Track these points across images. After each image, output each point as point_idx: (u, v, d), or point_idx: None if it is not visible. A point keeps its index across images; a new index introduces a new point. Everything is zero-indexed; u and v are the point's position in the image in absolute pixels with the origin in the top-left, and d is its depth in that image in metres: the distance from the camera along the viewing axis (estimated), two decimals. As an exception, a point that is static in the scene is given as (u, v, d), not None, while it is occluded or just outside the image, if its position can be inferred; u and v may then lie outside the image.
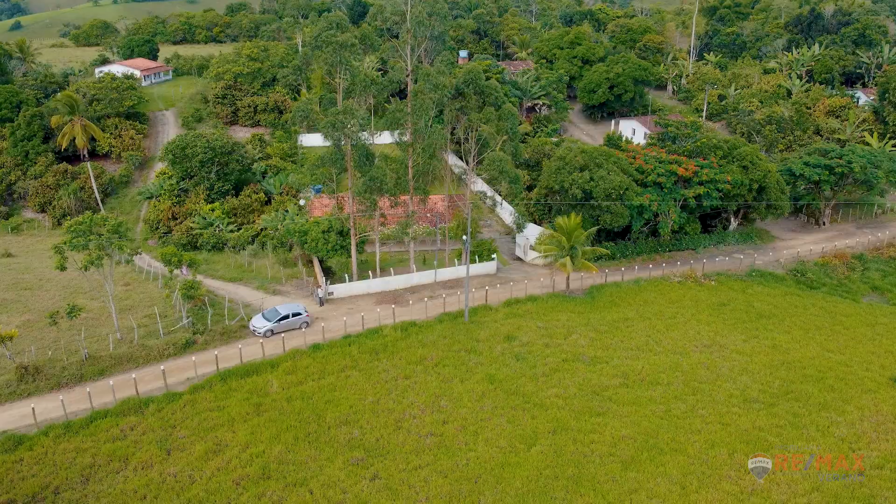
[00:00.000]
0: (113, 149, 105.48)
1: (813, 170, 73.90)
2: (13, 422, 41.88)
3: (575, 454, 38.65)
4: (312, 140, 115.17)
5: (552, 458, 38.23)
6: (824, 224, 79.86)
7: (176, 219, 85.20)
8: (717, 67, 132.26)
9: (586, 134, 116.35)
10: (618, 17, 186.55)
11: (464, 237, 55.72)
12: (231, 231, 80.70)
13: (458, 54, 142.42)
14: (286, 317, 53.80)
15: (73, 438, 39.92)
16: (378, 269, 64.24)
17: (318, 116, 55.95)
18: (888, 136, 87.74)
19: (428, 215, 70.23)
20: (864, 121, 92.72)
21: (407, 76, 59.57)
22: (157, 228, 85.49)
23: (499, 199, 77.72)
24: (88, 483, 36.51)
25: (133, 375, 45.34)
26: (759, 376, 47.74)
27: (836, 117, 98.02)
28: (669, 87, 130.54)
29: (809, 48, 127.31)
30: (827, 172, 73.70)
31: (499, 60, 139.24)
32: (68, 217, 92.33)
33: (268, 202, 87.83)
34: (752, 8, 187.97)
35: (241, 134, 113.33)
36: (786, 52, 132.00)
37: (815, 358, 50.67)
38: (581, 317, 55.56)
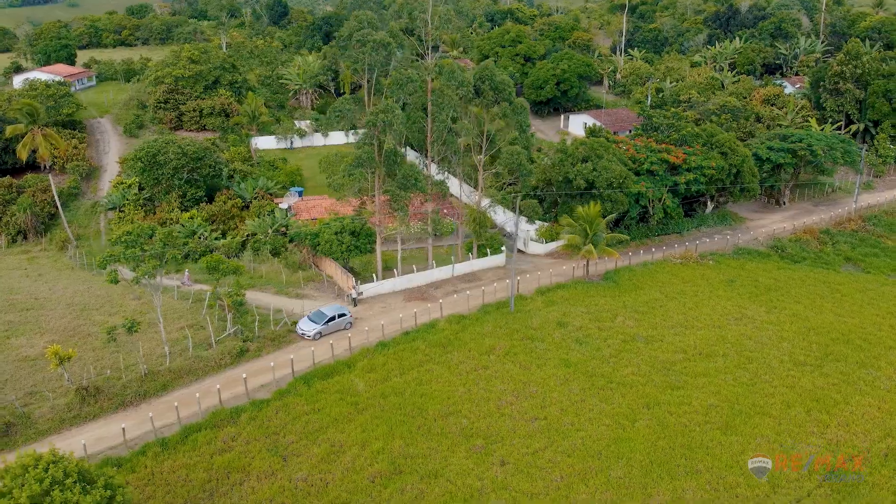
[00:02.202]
0: (56, 160, 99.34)
1: (777, 154, 79.94)
2: (95, 444, 39.80)
3: (677, 425, 41.06)
4: (265, 143, 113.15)
5: (659, 430, 40.46)
6: (785, 204, 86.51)
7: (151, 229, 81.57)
8: (646, 62, 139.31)
9: (537, 129, 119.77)
10: (535, 15, 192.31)
11: (507, 229, 57.02)
12: (216, 239, 78.31)
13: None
14: (333, 318, 53.41)
15: (173, 455, 38.48)
16: (400, 267, 64.49)
17: (356, 116, 55.49)
18: (829, 121, 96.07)
19: (444, 211, 71.00)
20: (802, 108, 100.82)
21: (428, 74, 60.03)
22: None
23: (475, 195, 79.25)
24: (214, 497, 35.48)
25: (217, 385, 44.09)
26: (796, 342, 51.90)
27: (772, 105, 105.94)
28: (605, 83, 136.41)
29: (731, 42, 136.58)
30: (790, 156, 79.95)
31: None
32: (23, 234, 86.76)
33: (244, 207, 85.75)
34: (657, 5, 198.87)
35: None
36: (709, 47, 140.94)
37: (833, 323, 55.49)
38: (616, 300, 58.20)
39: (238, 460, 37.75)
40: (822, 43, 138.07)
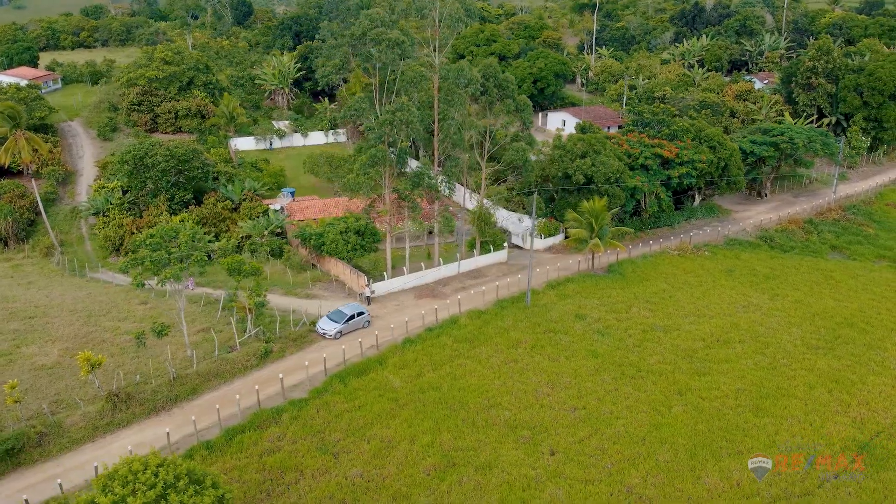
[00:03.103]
0: (31, 164, 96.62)
1: (760, 147, 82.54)
2: (137, 450, 39.07)
3: (710, 409, 42.40)
4: (244, 144, 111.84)
5: (696, 415, 41.73)
6: (766, 196, 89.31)
7: (140, 233, 79.92)
8: (616, 60, 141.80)
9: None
10: (500, 14, 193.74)
11: (525, 224, 57.57)
12: (210, 241, 77.21)
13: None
14: (352, 317, 53.44)
15: (222, 458, 38.16)
16: (408, 265, 64.70)
17: (369, 115, 55.45)
18: (804, 115, 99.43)
19: (450, 209, 71.29)
20: (775, 103, 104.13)
21: (436, 72, 60.34)
22: (121, 245, 79.98)
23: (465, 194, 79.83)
24: (272, 497, 35.35)
25: (245, 387, 43.75)
26: (804, 328, 53.92)
27: (744, 101, 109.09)
28: (578, 80, 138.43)
29: (699, 39, 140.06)
30: (772, 149, 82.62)
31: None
32: (3, 241, 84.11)
33: (234, 209, 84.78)
34: (617, 3, 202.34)
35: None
36: (676, 44, 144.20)
37: (835, 308, 57.76)
38: (626, 292, 59.50)
39: (289, 460, 37.64)
40: (785, 40, 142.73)
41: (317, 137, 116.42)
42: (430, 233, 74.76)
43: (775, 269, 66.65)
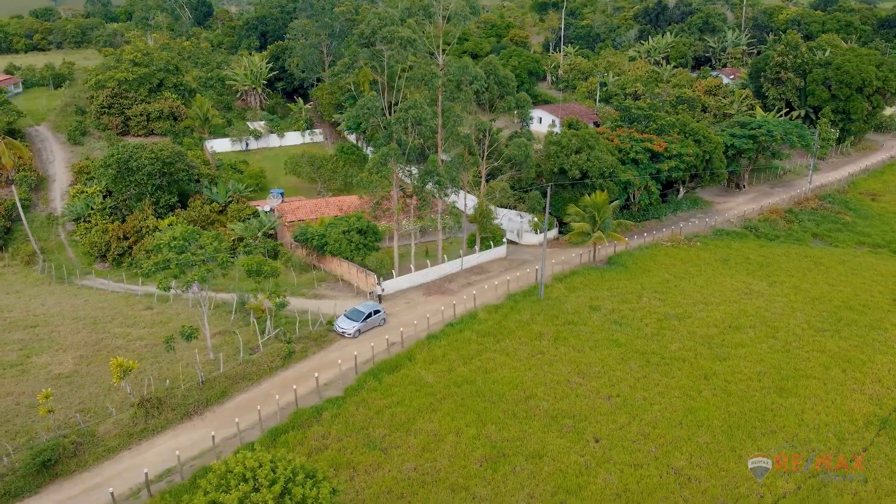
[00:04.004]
0: (1, 171, 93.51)
1: (740, 140, 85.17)
2: (182, 455, 38.65)
3: (738, 392, 43.90)
4: (219, 146, 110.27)
5: (726, 398, 43.17)
6: (744, 187, 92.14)
7: (127, 238, 78.45)
8: (583, 58, 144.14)
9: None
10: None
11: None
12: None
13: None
14: (369, 315, 53.56)
15: (268, 458, 37.88)
16: (413, 262, 64.97)
17: (382, 114, 55.49)
18: (775, 108, 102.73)
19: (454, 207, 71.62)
20: (746, 97, 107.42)
21: (441, 70, 60.67)
22: (107, 251, 78.22)
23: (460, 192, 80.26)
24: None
25: (274, 388, 43.56)
26: (807, 312, 56.05)
27: (714, 95, 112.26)
28: (549, 78, 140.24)
29: (663, 37, 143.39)
30: (751, 142, 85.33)
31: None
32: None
33: (220, 211, 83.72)
34: (576, 1, 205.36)
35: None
36: (641, 42, 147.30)
37: (831, 293, 60.14)
38: (632, 282, 60.89)
39: (339, 457, 37.67)
40: (746, 36, 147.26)
41: (293, 138, 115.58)
42: (422, 231, 75.29)
43: (767, 257, 68.96)
